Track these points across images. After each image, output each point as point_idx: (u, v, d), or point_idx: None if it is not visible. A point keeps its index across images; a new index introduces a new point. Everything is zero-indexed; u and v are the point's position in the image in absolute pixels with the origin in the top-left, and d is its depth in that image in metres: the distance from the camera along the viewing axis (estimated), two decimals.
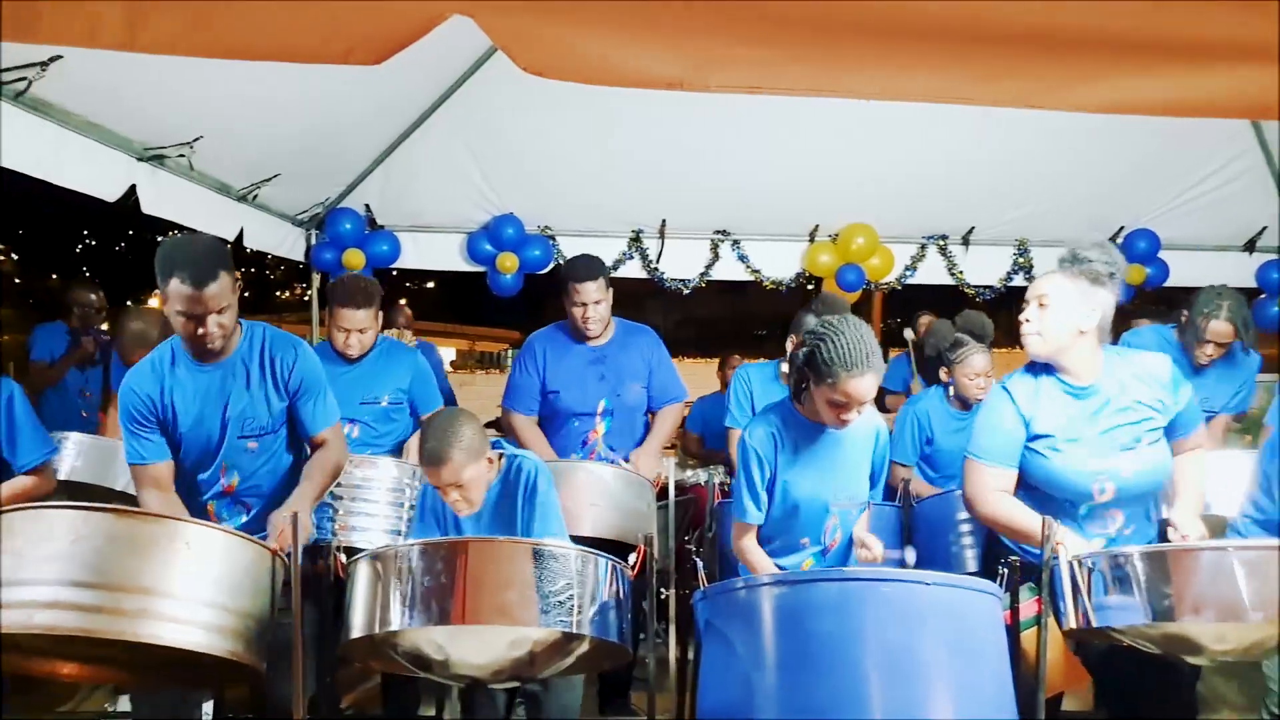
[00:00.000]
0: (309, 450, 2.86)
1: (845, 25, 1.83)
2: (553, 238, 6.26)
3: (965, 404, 3.95)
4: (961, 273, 6.41)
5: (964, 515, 3.66)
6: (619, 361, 3.92)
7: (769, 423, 2.70)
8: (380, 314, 3.81)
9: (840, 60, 1.91)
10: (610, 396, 3.88)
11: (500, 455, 2.82)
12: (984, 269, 6.43)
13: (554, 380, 3.89)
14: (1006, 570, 2.42)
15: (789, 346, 3.88)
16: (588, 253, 4.16)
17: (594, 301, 3.80)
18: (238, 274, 2.68)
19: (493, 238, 6.12)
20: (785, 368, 3.82)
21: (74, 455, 3.78)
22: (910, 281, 6.45)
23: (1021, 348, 2.71)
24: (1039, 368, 2.69)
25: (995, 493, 2.65)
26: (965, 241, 6.41)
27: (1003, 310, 6.41)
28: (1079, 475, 2.59)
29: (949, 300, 6.34)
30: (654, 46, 1.94)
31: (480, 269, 6.28)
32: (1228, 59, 1.79)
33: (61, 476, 3.71)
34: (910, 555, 3.17)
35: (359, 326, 3.69)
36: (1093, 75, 1.80)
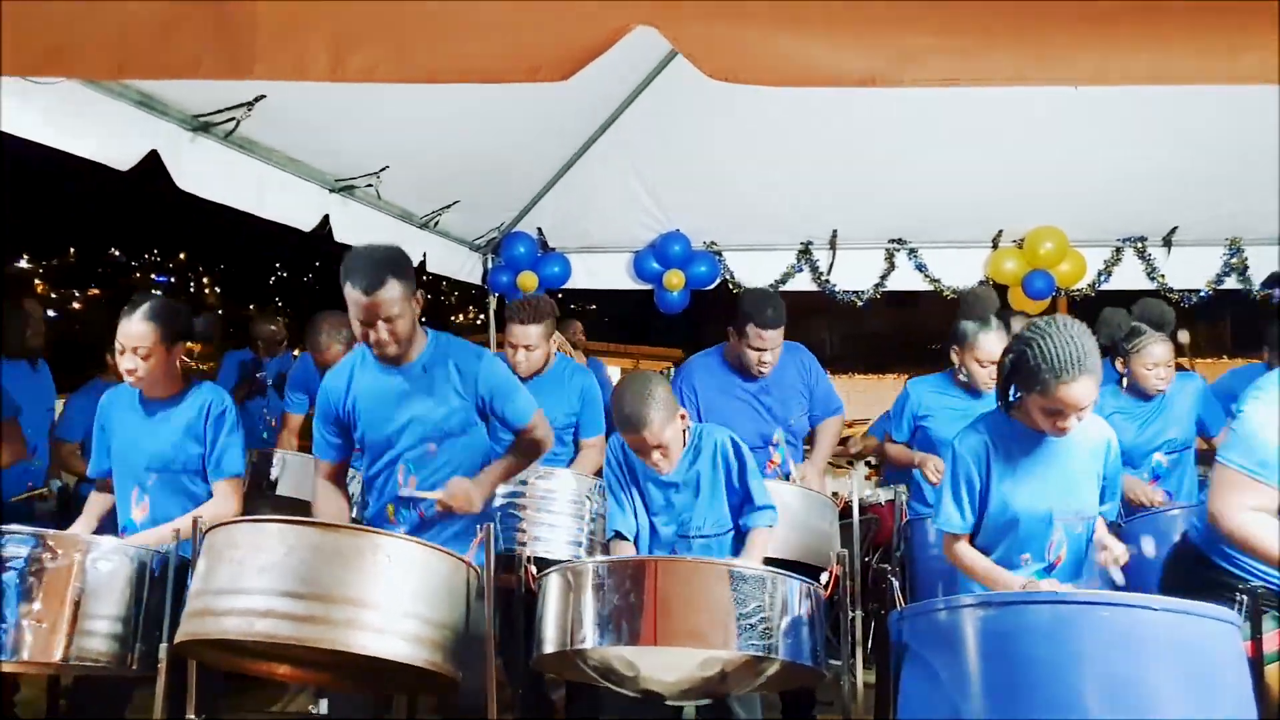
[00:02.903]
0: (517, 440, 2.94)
1: (1055, 4, 1.71)
2: (719, 253, 6.25)
3: (1145, 397, 3.65)
4: (1163, 276, 5.93)
5: (1179, 536, 3.37)
6: (782, 390, 3.84)
7: (980, 431, 2.57)
8: (553, 334, 3.83)
9: (1049, 44, 1.77)
10: (783, 427, 3.82)
11: (685, 420, 2.84)
12: (1189, 272, 5.93)
13: (712, 416, 3.72)
14: (1246, 597, 2.18)
15: (953, 358, 3.75)
16: (771, 292, 4.11)
17: (774, 348, 3.68)
18: (419, 289, 2.76)
19: (659, 255, 6.16)
20: (962, 377, 3.73)
21: (279, 470, 4.00)
22: (1105, 288, 6.03)
23: (1231, 357, 2.44)
24: None
25: (1249, 512, 2.23)
26: (1167, 242, 5.94)
27: (1209, 317, 5.90)
28: None
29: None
30: (844, 43, 1.87)
31: (647, 287, 6.32)
32: None
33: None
34: (1149, 546, 2.80)
35: (526, 342, 3.73)
36: None
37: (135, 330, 2.88)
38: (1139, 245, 5.96)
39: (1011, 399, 2.50)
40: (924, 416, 3.84)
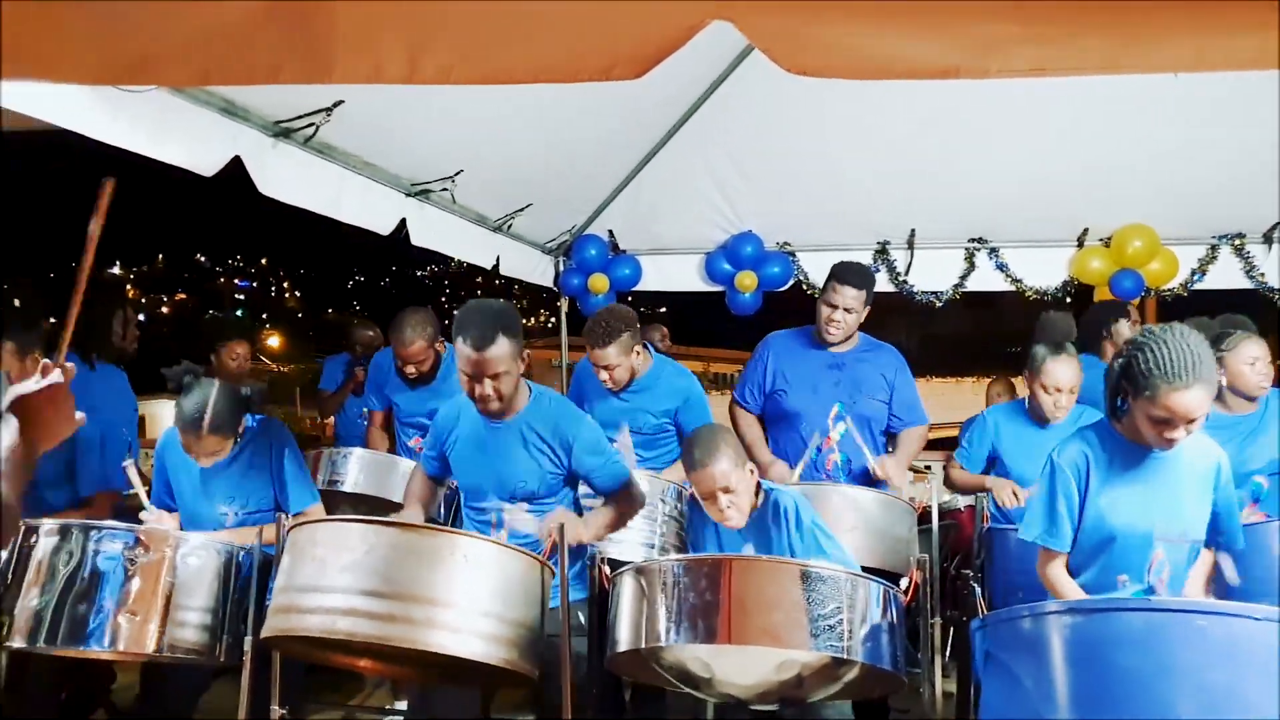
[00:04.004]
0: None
1: None
2: (792, 254, 6.15)
3: (1248, 397, 3.50)
4: (1263, 275, 5.62)
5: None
6: (857, 371, 3.87)
7: (1083, 442, 2.48)
8: (636, 345, 3.75)
9: (1144, 28, 1.68)
10: (845, 403, 3.81)
11: (758, 482, 2.78)
12: None
13: (782, 379, 3.90)
14: None
15: (1025, 382, 3.66)
16: (862, 263, 4.09)
17: (845, 308, 3.75)
18: (526, 345, 2.75)
19: (731, 256, 6.10)
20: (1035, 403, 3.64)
21: (357, 470, 4.07)
22: (1198, 287, 5.75)
23: None
24: None
25: None
26: (1268, 239, 5.62)
27: None
28: None
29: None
30: (926, 33, 1.81)
31: (719, 289, 6.27)
32: None
33: (347, 489, 4.02)
34: (1226, 563, 2.66)
35: (605, 363, 3.69)
36: None
37: (208, 447, 2.99)
38: (1236, 242, 5.66)
39: (1120, 408, 2.40)
40: (998, 448, 3.76)
